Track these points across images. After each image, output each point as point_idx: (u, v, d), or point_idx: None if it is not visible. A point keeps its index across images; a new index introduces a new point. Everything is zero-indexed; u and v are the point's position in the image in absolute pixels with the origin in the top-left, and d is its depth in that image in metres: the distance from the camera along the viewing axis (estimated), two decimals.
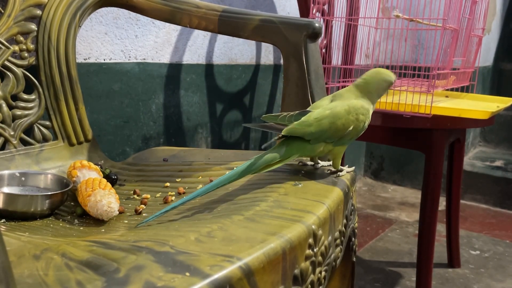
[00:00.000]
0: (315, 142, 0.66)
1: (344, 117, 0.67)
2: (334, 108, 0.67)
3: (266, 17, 0.82)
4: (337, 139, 0.68)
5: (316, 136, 0.66)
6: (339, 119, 0.67)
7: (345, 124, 0.67)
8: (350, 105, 0.68)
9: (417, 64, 1.37)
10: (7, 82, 0.79)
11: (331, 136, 0.67)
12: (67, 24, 0.84)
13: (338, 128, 0.67)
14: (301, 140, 0.66)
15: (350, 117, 0.67)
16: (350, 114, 0.68)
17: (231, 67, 1.39)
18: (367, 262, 1.46)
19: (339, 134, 0.67)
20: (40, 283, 0.40)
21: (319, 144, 0.67)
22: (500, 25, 2.71)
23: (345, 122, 0.67)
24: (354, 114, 0.68)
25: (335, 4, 1.30)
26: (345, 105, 0.68)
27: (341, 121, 0.67)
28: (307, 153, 0.68)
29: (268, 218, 0.53)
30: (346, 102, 0.68)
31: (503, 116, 2.57)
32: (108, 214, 0.60)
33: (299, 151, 0.66)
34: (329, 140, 0.67)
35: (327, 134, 0.66)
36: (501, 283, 1.37)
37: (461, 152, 1.40)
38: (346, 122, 0.67)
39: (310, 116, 0.66)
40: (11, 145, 0.77)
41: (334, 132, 0.67)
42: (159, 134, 1.20)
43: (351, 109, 0.68)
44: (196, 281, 0.39)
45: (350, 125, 0.68)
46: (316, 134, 0.66)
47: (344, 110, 0.67)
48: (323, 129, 0.66)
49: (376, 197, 2.10)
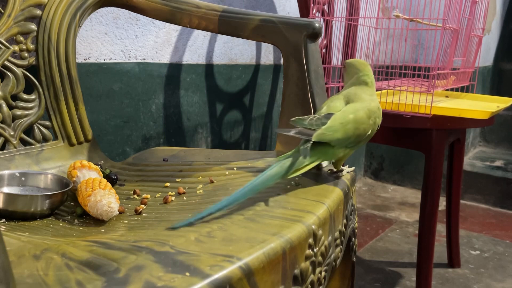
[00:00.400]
0: (339, 147, 0.65)
1: (366, 122, 0.66)
2: (357, 112, 0.66)
3: (266, 17, 0.82)
4: (356, 143, 0.67)
5: (341, 142, 0.64)
6: (362, 124, 0.65)
7: (366, 129, 0.66)
8: (370, 109, 0.67)
9: (417, 64, 1.37)
10: (7, 82, 0.79)
11: (353, 141, 0.66)
12: (67, 24, 0.84)
13: (360, 133, 0.66)
14: (325, 145, 0.64)
15: (370, 121, 0.67)
16: (370, 118, 0.67)
17: (231, 67, 1.39)
18: (367, 262, 1.46)
19: (360, 139, 0.66)
20: (40, 283, 0.40)
21: (341, 149, 0.66)
22: (500, 25, 2.71)
23: (366, 127, 0.66)
24: (373, 118, 0.67)
25: (335, 4, 1.30)
26: (365, 109, 0.66)
27: (363, 126, 0.66)
28: (329, 157, 0.66)
29: (268, 218, 0.53)
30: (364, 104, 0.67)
31: (503, 116, 2.57)
32: (108, 214, 0.60)
33: (323, 156, 0.65)
34: (350, 145, 0.66)
35: (351, 139, 0.65)
36: (501, 283, 1.37)
37: (461, 152, 1.40)
38: (368, 126, 0.66)
39: (335, 120, 0.64)
40: (11, 145, 0.77)
41: (356, 137, 0.66)
42: (159, 134, 1.20)
43: (371, 113, 0.67)
44: (196, 281, 0.39)
45: (369, 129, 0.67)
46: (341, 140, 0.64)
47: (366, 115, 0.66)
48: (348, 134, 0.64)
49: (376, 197, 2.10)
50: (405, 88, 1.21)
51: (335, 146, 0.65)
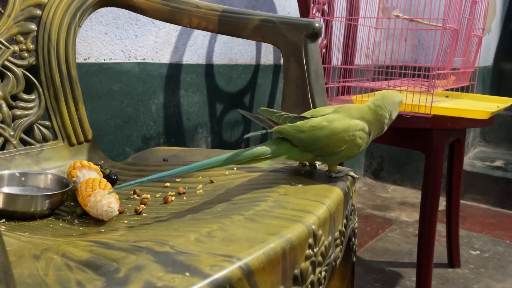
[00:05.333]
0: (303, 150, 0.65)
1: (340, 134, 0.64)
2: (333, 121, 0.64)
3: (266, 17, 0.82)
4: (326, 154, 0.65)
5: (304, 144, 0.64)
6: (333, 135, 0.64)
7: (339, 142, 0.64)
8: (351, 124, 0.64)
9: (417, 64, 1.37)
10: (7, 82, 0.79)
11: (319, 149, 0.64)
12: (67, 24, 0.84)
13: (330, 144, 0.64)
14: (291, 144, 0.65)
15: (345, 136, 0.64)
16: (347, 132, 0.64)
17: (231, 67, 1.39)
18: (367, 262, 1.46)
19: (329, 150, 0.65)
20: (40, 283, 0.40)
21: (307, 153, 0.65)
22: (500, 25, 2.71)
23: (340, 139, 0.64)
24: (351, 135, 0.64)
25: (335, 4, 1.30)
26: (345, 123, 0.64)
27: (335, 137, 0.64)
28: (295, 157, 0.66)
29: (268, 218, 0.53)
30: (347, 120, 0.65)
31: (503, 116, 2.57)
32: (108, 214, 0.60)
33: (288, 153, 0.65)
34: (316, 153, 0.65)
35: (316, 146, 0.64)
36: (501, 283, 1.37)
37: (461, 152, 1.40)
38: (342, 140, 0.64)
39: (306, 122, 0.64)
40: (11, 145, 0.77)
41: (324, 146, 0.64)
42: (159, 134, 1.20)
43: (350, 128, 0.64)
44: (196, 281, 0.39)
45: (343, 144, 0.64)
46: (304, 142, 0.64)
47: (343, 127, 0.64)
48: (314, 139, 0.63)
49: (376, 197, 2.10)
50: (405, 88, 1.21)
51: (299, 147, 0.64)
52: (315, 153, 0.65)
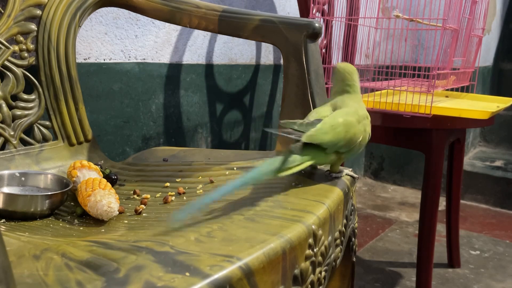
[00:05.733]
0: (330, 150, 0.65)
1: (356, 126, 0.66)
2: (346, 116, 0.66)
3: (266, 17, 0.82)
4: (348, 149, 0.67)
5: (331, 145, 0.64)
6: (352, 128, 0.65)
7: (357, 133, 0.66)
8: (359, 114, 0.67)
9: (417, 64, 1.37)
10: (7, 82, 0.79)
11: (344, 146, 0.66)
12: (67, 24, 0.84)
13: (351, 138, 0.66)
14: (317, 148, 0.64)
15: (360, 126, 0.67)
16: (360, 123, 0.67)
17: (231, 67, 1.39)
18: (367, 262, 1.46)
19: (351, 144, 0.66)
20: (40, 283, 0.40)
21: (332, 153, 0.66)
22: (500, 25, 2.71)
23: (357, 131, 0.66)
24: (362, 124, 0.67)
25: (335, 4, 1.30)
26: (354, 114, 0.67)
27: (353, 130, 0.66)
28: (320, 161, 0.66)
29: (268, 218, 0.53)
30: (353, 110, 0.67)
31: (503, 116, 2.57)
32: (108, 214, 0.60)
33: (314, 158, 0.64)
34: (342, 150, 0.66)
35: (341, 143, 0.65)
36: (501, 283, 1.37)
37: (461, 152, 1.40)
38: (358, 131, 0.66)
39: (325, 123, 0.65)
40: (11, 145, 0.77)
41: (347, 142, 0.66)
42: (159, 134, 1.20)
43: (360, 118, 0.67)
44: (196, 281, 0.39)
45: (360, 135, 0.67)
46: (332, 143, 0.64)
47: (355, 119, 0.66)
48: (339, 138, 0.64)
49: (376, 197, 2.10)
50: (405, 88, 1.21)
51: (327, 149, 0.64)
52: (340, 151, 0.66)
